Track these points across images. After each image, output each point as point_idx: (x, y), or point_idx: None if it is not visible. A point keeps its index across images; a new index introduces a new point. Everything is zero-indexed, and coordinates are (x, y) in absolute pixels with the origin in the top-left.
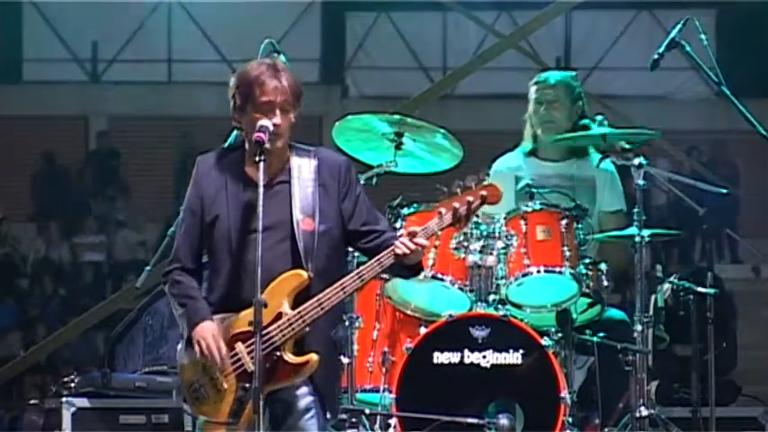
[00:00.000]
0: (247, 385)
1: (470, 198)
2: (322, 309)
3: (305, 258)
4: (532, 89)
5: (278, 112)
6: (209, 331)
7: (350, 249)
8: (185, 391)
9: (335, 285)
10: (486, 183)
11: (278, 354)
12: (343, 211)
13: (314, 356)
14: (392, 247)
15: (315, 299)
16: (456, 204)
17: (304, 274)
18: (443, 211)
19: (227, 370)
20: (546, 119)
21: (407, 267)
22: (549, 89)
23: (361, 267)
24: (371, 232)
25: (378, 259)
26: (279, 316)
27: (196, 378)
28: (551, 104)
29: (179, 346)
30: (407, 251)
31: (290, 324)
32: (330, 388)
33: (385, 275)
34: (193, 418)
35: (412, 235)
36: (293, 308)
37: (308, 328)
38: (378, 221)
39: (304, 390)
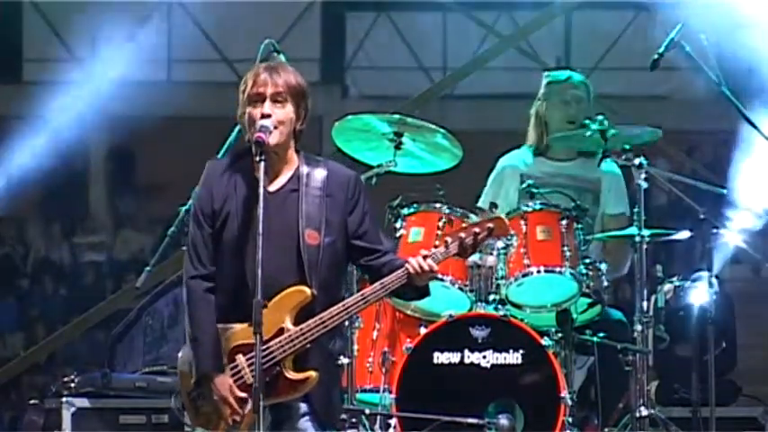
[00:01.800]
0: (246, 397)
1: (477, 230)
2: (325, 327)
3: (308, 273)
4: (554, 87)
5: (268, 103)
6: (218, 391)
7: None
8: (184, 399)
9: (339, 305)
10: (494, 215)
11: (278, 369)
12: (349, 225)
13: (313, 374)
14: (400, 271)
15: (318, 317)
16: (462, 234)
17: (307, 290)
18: (449, 240)
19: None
20: (572, 118)
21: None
22: (574, 88)
23: (366, 290)
24: (374, 251)
25: (383, 283)
26: (281, 331)
27: (196, 387)
28: (578, 103)
29: (180, 354)
30: (419, 270)
31: (292, 340)
32: (326, 402)
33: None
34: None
35: (423, 258)
36: (295, 323)
37: (309, 345)
38: (381, 241)
39: (301, 399)
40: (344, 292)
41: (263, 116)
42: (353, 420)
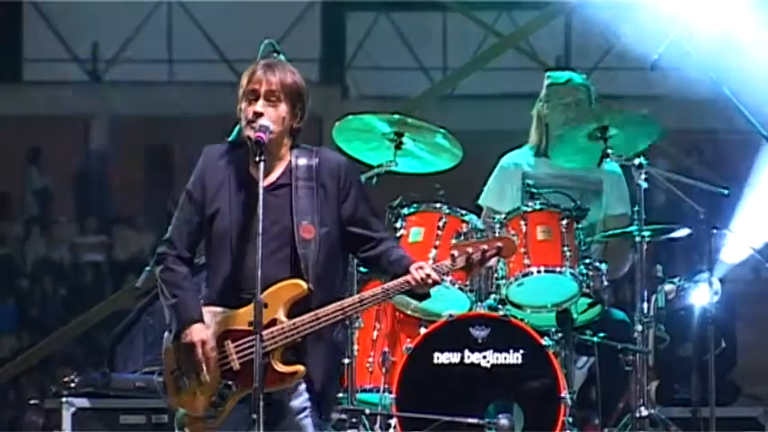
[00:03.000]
0: (230, 383)
1: (485, 247)
2: (318, 324)
3: (305, 268)
4: (554, 89)
5: (261, 101)
6: (198, 334)
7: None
8: (167, 377)
9: (336, 305)
10: (504, 235)
11: (266, 359)
12: (342, 213)
13: (301, 368)
14: (402, 279)
15: (313, 313)
16: (470, 250)
17: (304, 284)
18: (456, 254)
19: (213, 365)
20: (571, 120)
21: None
22: (575, 90)
23: (366, 293)
24: (370, 239)
25: (384, 290)
26: (273, 322)
27: (180, 365)
28: (578, 106)
29: (166, 333)
30: (422, 284)
31: (284, 332)
32: (327, 392)
33: None
34: (172, 412)
35: (427, 275)
36: (289, 316)
37: (299, 340)
38: (378, 229)
39: (300, 390)
40: (345, 291)
41: (255, 114)
42: (353, 420)
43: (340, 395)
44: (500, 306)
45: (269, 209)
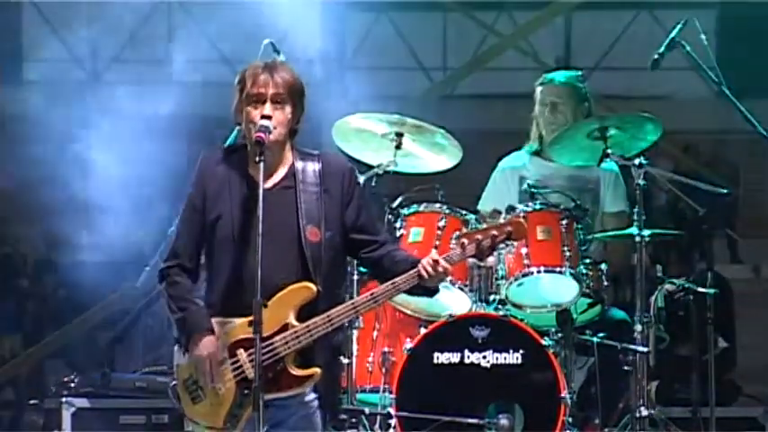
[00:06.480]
0: (247, 392)
1: (495, 232)
2: (332, 325)
3: (313, 271)
4: (537, 90)
5: (268, 104)
6: (209, 347)
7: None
8: (181, 390)
9: (348, 304)
10: (512, 218)
11: (281, 364)
12: (346, 218)
13: (318, 370)
14: (413, 271)
15: (326, 315)
16: (479, 237)
17: (313, 287)
18: (466, 242)
19: (228, 376)
20: (550, 120)
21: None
22: (553, 90)
23: (377, 289)
24: (372, 243)
25: (394, 283)
26: (285, 327)
27: (194, 379)
28: (555, 106)
29: (176, 347)
30: (433, 273)
31: (297, 336)
32: (332, 393)
33: None
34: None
35: (435, 262)
36: (298, 319)
37: (313, 341)
38: (379, 232)
39: (307, 391)
40: (345, 291)
41: (264, 117)
42: (353, 420)
43: (340, 395)
44: (500, 306)
45: (272, 210)
